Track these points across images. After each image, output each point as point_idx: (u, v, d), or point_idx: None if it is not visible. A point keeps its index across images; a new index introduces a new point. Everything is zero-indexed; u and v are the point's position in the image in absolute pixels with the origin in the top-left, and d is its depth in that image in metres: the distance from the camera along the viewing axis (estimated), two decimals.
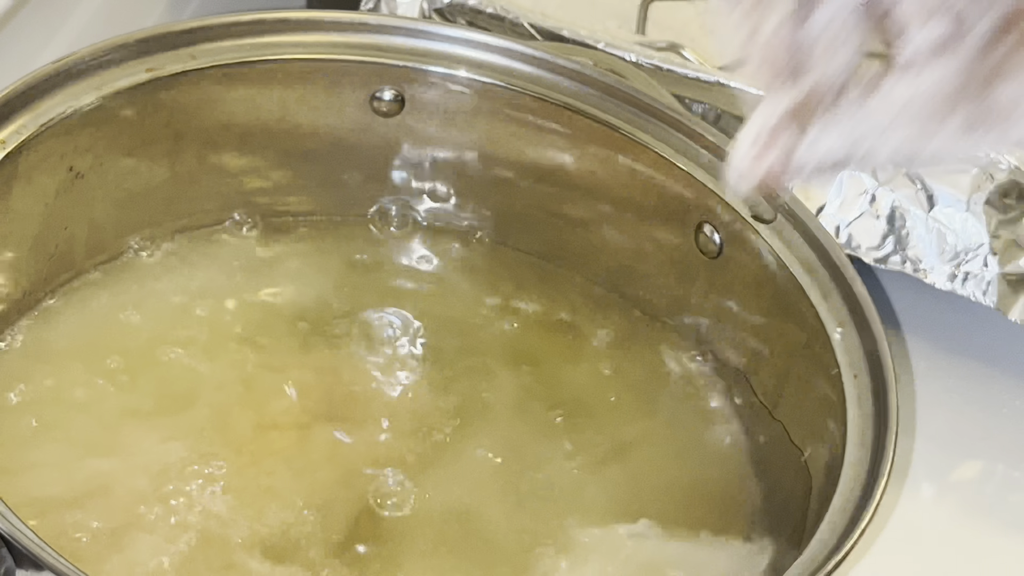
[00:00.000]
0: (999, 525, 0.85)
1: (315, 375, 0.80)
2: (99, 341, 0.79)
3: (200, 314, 0.81)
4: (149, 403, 0.76)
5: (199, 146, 0.83)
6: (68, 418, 0.75)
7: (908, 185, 0.87)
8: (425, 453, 0.77)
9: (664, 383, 0.83)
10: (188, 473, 0.74)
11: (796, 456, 0.76)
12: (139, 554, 0.70)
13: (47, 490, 0.72)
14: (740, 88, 0.87)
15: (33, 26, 0.94)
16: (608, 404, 0.81)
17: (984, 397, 0.91)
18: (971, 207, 0.86)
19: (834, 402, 0.73)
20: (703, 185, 0.80)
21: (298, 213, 0.87)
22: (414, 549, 0.73)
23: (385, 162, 0.87)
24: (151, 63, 0.79)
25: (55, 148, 0.76)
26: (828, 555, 0.65)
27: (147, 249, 0.83)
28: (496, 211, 0.88)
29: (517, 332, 0.84)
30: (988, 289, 0.86)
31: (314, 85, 0.83)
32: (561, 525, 0.75)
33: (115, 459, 0.74)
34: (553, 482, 0.77)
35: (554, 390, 0.82)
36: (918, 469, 0.86)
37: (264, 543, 0.72)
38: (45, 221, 0.78)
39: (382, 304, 0.84)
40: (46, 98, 0.76)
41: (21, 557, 0.60)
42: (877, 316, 0.74)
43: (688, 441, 0.80)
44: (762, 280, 0.79)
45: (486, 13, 0.90)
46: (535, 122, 0.84)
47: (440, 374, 0.81)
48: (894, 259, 0.87)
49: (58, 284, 0.80)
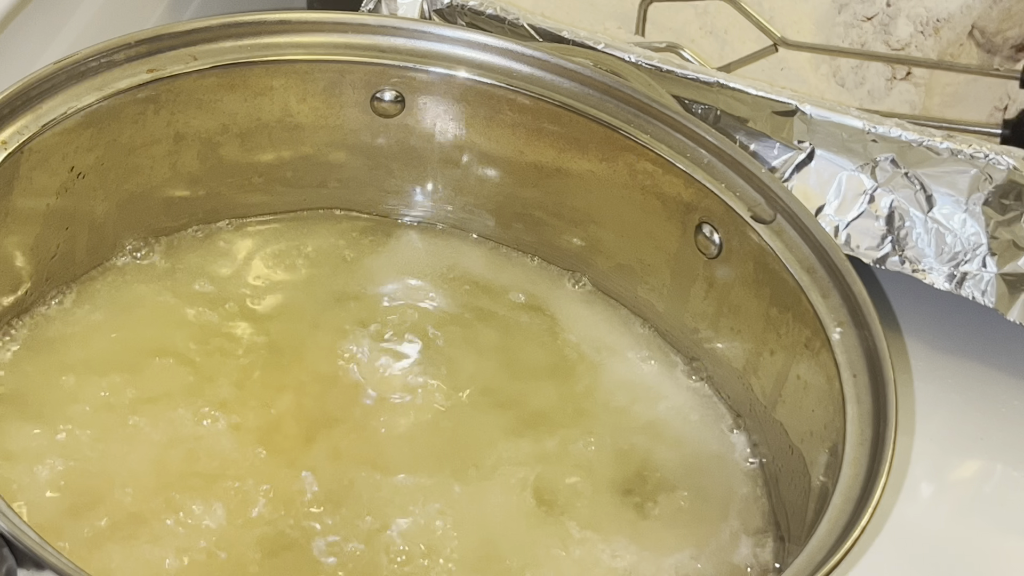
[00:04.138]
0: (997, 524, 0.85)
1: (316, 375, 0.80)
2: (100, 340, 0.79)
3: (201, 314, 0.81)
4: (150, 403, 0.77)
5: (199, 146, 0.83)
6: (69, 417, 0.75)
7: (907, 186, 0.87)
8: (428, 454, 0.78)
9: (664, 383, 0.83)
10: (189, 472, 0.74)
11: (795, 456, 0.76)
12: (140, 553, 0.70)
13: (48, 489, 0.72)
14: (740, 88, 0.88)
15: (35, 27, 0.94)
16: (607, 404, 0.82)
17: (983, 397, 0.91)
18: (970, 208, 0.86)
19: (833, 402, 0.73)
20: (703, 185, 0.80)
21: (297, 213, 0.87)
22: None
23: (385, 162, 0.87)
24: (152, 64, 0.79)
25: (56, 148, 0.76)
26: (828, 554, 0.65)
27: (147, 249, 0.84)
28: (496, 211, 0.88)
29: (517, 331, 0.84)
30: (987, 289, 0.87)
31: (314, 85, 0.83)
32: (560, 521, 0.75)
33: (116, 459, 0.74)
34: (554, 482, 0.77)
35: (554, 390, 0.82)
36: (917, 468, 0.86)
37: (264, 544, 0.72)
38: (46, 221, 0.78)
39: (382, 304, 0.85)
40: (48, 98, 0.76)
41: (23, 556, 0.60)
42: (876, 316, 0.74)
43: (688, 441, 0.81)
44: (761, 280, 0.79)
45: (486, 14, 0.90)
46: (535, 122, 0.84)
47: (440, 373, 0.81)
48: (893, 259, 0.87)
49: (59, 284, 0.80)
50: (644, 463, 0.79)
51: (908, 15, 1.08)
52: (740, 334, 0.81)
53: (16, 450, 0.73)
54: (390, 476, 0.76)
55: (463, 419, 0.79)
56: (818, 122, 0.87)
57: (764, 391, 0.80)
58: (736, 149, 0.81)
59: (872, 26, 1.08)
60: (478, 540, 0.74)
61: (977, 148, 0.85)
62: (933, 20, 1.08)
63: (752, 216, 0.79)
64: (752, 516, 0.77)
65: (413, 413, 0.79)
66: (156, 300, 0.82)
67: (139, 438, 0.75)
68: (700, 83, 0.88)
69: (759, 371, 0.80)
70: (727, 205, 0.80)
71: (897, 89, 1.07)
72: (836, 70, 1.06)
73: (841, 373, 0.73)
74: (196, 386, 0.78)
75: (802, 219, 0.78)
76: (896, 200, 0.87)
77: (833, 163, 0.87)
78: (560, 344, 0.84)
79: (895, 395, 0.71)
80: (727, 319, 0.82)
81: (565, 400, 0.81)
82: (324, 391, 0.79)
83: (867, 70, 1.07)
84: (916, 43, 1.08)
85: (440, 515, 0.74)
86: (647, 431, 0.80)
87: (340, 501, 0.74)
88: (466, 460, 0.77)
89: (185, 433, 0.76)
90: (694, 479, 0.79)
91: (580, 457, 0.78)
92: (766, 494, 0.78)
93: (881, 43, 1.08)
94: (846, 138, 0.87)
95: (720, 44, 1.05)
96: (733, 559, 0.75)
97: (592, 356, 0.84)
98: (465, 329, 0.84)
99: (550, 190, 0.86)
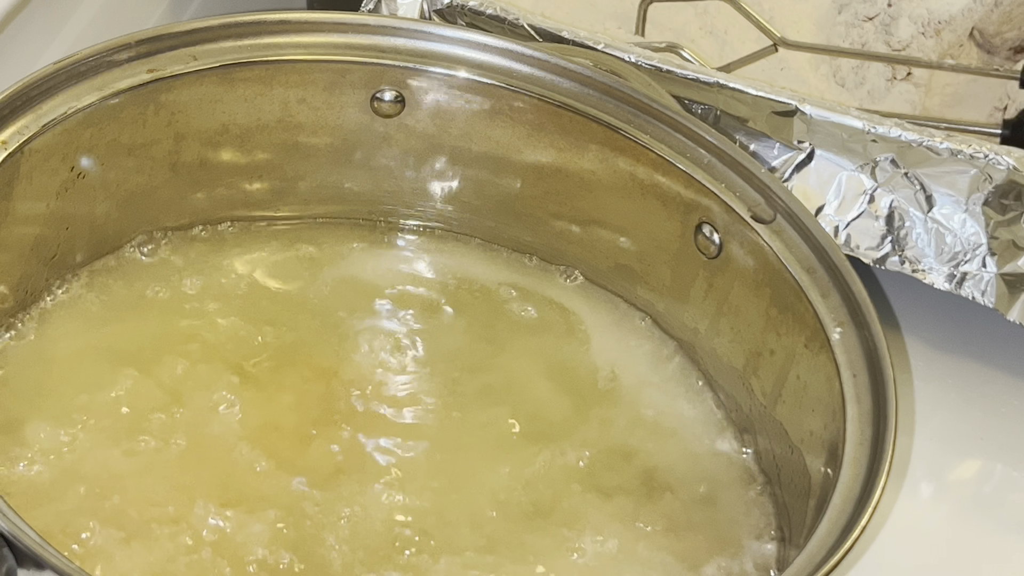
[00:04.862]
0: (997, 524, 0.85)
1: (316, 375, 0.80)
2: (100, 340, 0.79)
3: (201, 314, 0.81)
4: (150, 403, 0.77)
5: (199, 146, 0.83)
6: (70, 417, 0.75)
7: (907, 186, 0.87)
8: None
9: (664, 383, 0.83)
10: (189, 472, 0.74)
11: (795, 455, 0.76)
12: (141, 553, 0.70)
13: (48, 489, 0.72)
14: (739, 88, 0.88)
15: (35, 27, 0.94)
16: (607, 404, 0.82)
17: (983, 397, 0.91)
18: (969, 208, 0.86)
19: (833, 402, 0.73)
20: (703, 185, 0.80)
21: (297, 214, 0.88)
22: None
23: (385, 162, 0.87)
24: (152, 64, 0.79)
25: (57, 148, 0.76)
26: (827, 554, 0.65)
27: (148, 249, 0.84)
28: (496, 211, 0.88)
29: (517, 331, 0.84)
30: (987, 289, 0.87)
31: (314, 86, 0.83)
32: (554, 521, 0.75)
33: (116, 459, 0.74)
34: (553, 482, 0.77)
35: (553, 389, 0.82)
36: (917, 468, 0.86)
37: (264, 544, 0.72)
38: (47, 221, 0.78)
39: (382, 304, 0.85)
40: (48, 98, 0.76)
41: (23, 556, 0.60)
42: (876, 316, 0.74)
43: (687, 440, 0.81)
44: (761, 280, 0.79)
45: (486, 14, 0.90)
46: (535, 122, 0.84)
47: (440, 371, 0.81)
48: (893, 259, 0.87)
49: (60, 284, 0.80)
50: (642, 463, 0.79)
51: (910, 16, 1.08)
52: (740, 334, 0.81)
53: (16, 449, 0.73)
54: (390, 475, 0.76)
55: (463, 419, 0.80)
56: (818, 122, 0.87)
57: (764, 391, 0.80)
58: (736, 149, 0.81)
59: (873, 26, 1.08)
60: (478, 540, 0.74)
61: (977, 148, 0.85)
62: (935, 22, 1.08)
63: (752, 216, 0.79)
64: (752, 516, 0.77)
65: (413, 413, 0.79)
66: (157, 300, 0.82)
67: (141, 437, 0.75)
68: (700, 83, 0.88)
69: (759, 371, 0.80)
70: (727, 205, 0.80)
71: (897, 89, 1.07)
72: (836, 70, 1.06)
73: (841, 373, 0.73)
74: (196, 386, 0.78)
75: (802, 219, 0.78)
76: (896, 200, 0.87)
77: (833, 163, 0.87)
78: (561, 344, 0.84)
79: (895, 395, 0.71)
80: (727, 319, 0.82)
81: (565, 400, 0.81)
82: (325, 391, 0.79)
83: (867, 70, 1.07)
84: (917, 44, 1.08)
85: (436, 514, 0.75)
86: (646, 431, 0.80)
87: (341, 501, 0.74)
88: (467, 460, 0.78)
89: (188, 433, 0.76)
90: (693, 479, 0.79)
91: (579, 457, 0.78)
92: (766, 494, 0.78)
93: (882, 43, 1.08)
94: (846, 138, 0.87)
95: (720, 44, 1.05)
96: (733, 559, 0.75)
97: (592, 356, 0.84)
98: (464, 329, 0.84)
99: (550, 190, 0.86)
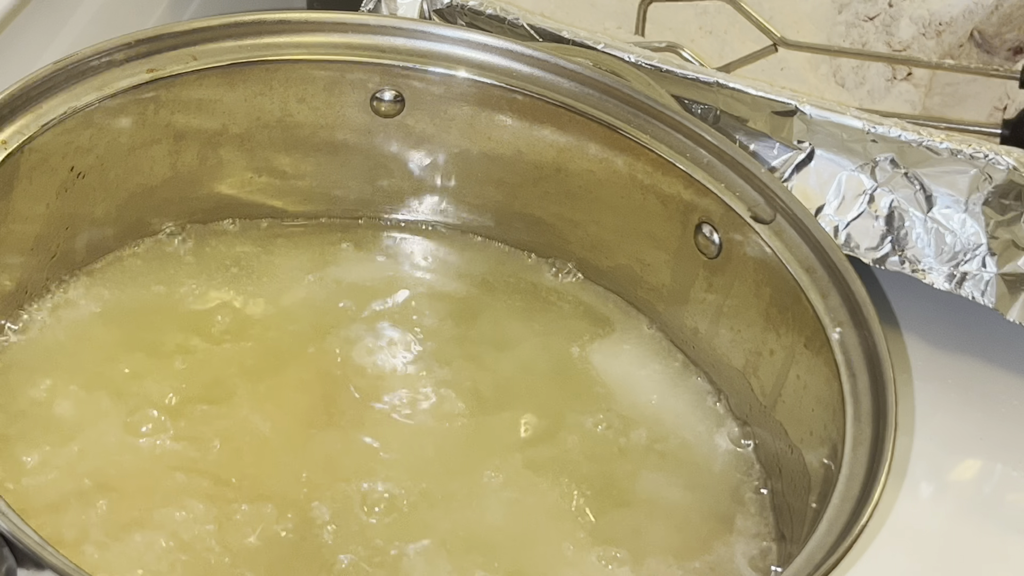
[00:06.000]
0: (997, 524, 0.85)
1: (316, 375, 0.80)
2: (101, 340, 0.79)
3: (202, 313, 0.81)
4: (149, 403, 0.76)
5: (199, 146, 0.83)
6: (70, 417, 0.75)
7: (907, 186, 0.87)
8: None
9: (664, 382, 0.83)
10: (190, 472, 0.74)
11: (795, 455, 0.76)
12: (141, 553, 0.70)
13: (49, 489, 0.72)
14: (739, 88, 0.88)
15: (35, 27, 0.94)
16: (605, 403, 0.82)
17: (982, 397, 0.91)
18: (969, 208, 0.86)
19: (833, 401, 0.73)
20: (702, 185, 0.80)
21: (298, 213, 0.88)
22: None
23: (385, 162, 0.87)
24: (152, 64, 0.79)
25: (56, 148, 0.76)
26: (827, 553, 0.65)
27: (147, 249, 0.84)
28: (496, 211, 0.88)
29: (515, 329, 0.85)
30: (986, 289, 0.87)
31: (314, 85, 0.83)
32: (553, 522, 0.76)
33: (117, 459, 0.74)
34: (552, 483, 0.77)
35: (552, 388, 0.82)
36: (916, 468, 0.86)
37: (265, 544, 0.72)
38: (47, 221, 0.78)
39: (382, 304, 0.85)
40: (48, 98, 0.76)
41: (23, 556, 0.60)
42: (876, 316, 0.74)
43: (688, 440, 0.81)
44: (761, 280, 0.79)
45: (486, 14, 0.91)
46: (535, 122, 0.84)
47: (440, 371, 0.81)
48: (893, 259, 0.87)
49: (60, 284, 0.80)
50: (642, 462, 0.79)
51: (911, 17, 1.08)
52: (740, 334, 0.81)
53: (15, 449, 0.73)
54: (388, 476, 0.76)
55: (462, 418, 0.79)
56: (818, 122, 0.87)
57: (764, 391, 0.80)
58: (736, 149, 0.81)
59: (873, 26, 1.08)
60: (476, 541, 0.74)
61: (977, 148, 0.85)
62: (936, 23, 1.08)
63: (752, 216, 0.79)
64: (752, 516, 0.77)
65: (412, 413, 0.79)
66: (157, 300, 0.82)
67: (141, 437, 0.75)
68: (700, 83, 0.88)
69: (759, 371, 0.80)
70: (727, 205, 0.80)
71: (897, 89, 1.07)
72: (836, 70, 1.06)
73: (841, 373, 0.73)
74: (195, 385, 0.78)
75: (802, 219, 0.78)
76: (896, 200, 0.87)
77: (833, 163, 0.88)
78: (560, 343, 0.84)
79: (895, 395, 0.71)
80: (727, 319, 0.82)
81: (564, 399, 0.81)
82: (325, 391, 0.79)
83: (867, 70, 1.07)
84: (918, 45, 1.08)
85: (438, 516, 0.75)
86: (645, 431, 0.80)
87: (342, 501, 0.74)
88: (467, 460, 0.77)
89: (188, 432, 0.76)
90: (693, 479, 0.78)
91: (578, 457, 0.78)
92: (766, 494, 0.78)
93: (883, 44, 1.08)
94: (846, 138, 0.87)
95: (720, 44, 1.05)
96: (733, 559, 0.75)
97: (591, 356, 0.84)
98: (465, 328, 0.84)
99: (550, 190, 0.86)
